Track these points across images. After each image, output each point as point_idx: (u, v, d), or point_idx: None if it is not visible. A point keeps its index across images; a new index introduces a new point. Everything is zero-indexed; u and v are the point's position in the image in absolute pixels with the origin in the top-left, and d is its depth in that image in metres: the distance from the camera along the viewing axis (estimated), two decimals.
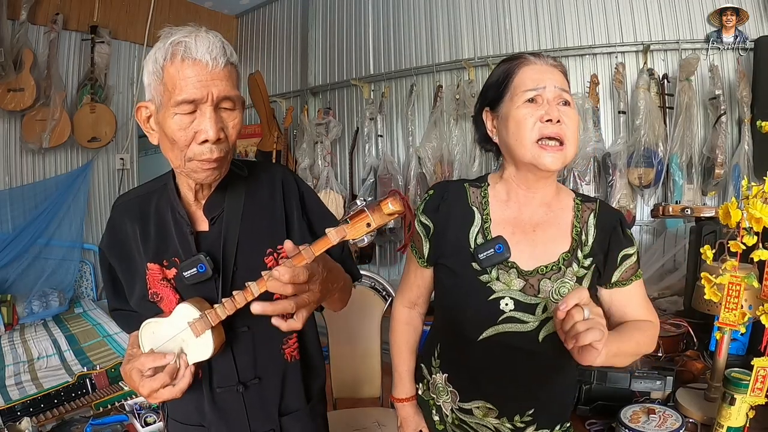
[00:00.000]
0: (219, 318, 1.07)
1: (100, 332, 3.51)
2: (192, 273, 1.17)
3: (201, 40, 1.06)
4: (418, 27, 4.39)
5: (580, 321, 0.96)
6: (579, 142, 1.23)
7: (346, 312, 2.30)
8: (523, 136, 1.17)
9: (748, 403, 1.20)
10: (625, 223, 1.28)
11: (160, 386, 1.06)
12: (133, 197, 1.30)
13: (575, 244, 1.24)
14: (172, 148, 1.11)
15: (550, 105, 1.17)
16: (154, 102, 1.10)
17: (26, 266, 4.26)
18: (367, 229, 0.93)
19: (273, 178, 1.32)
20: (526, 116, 1.17)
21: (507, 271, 1.22)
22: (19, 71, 4.02)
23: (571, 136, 1.17)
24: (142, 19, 4.85)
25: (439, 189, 1.36)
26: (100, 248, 1.31)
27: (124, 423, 1.83)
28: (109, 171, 4.93)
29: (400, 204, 0.92)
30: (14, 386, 2.64)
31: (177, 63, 1.04)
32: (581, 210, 1.28)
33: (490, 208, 1.30)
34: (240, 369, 1.26)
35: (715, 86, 3.08)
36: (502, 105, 1.24)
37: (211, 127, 1.06)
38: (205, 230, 1.24)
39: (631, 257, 1.25)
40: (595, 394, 1.50)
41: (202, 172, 1.12)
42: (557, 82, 1.20)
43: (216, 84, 1.06)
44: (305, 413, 1.37)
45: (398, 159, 4.42)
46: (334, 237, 0.95)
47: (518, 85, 1.21)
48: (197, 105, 1.06)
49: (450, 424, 1.35)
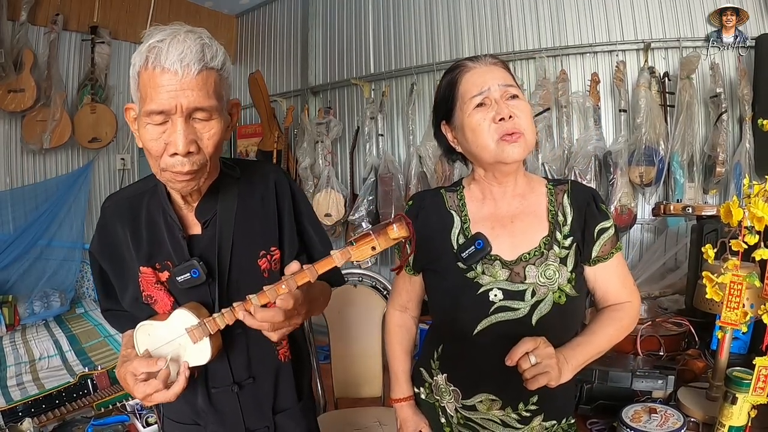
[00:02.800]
0: (218, 327, 1.07)
1: (102, 332, 3.51)
2: (185, 278, 1.16)
3: (175, 46, 0.99)
4: (418, 26, 4.39)
5: (528, 369, 1.10)
6: (535, 129, 1.29)
7: (347, 311, 2.32)
8: (483, 140, 1.22)
9: (750, 403, 1.19)
10: (598, 198, 1.32)
11: (153, 391, 1.07)
12: (123, 198, 1.28)
13: (552, 227, 1.28)
14: (149, 156, 1.09)
15: (498, 104, 1.21)
16: (137, 105, 1.08)
17: (27, 267, 4.26)
18: (371, 252, 0.94)
19: (266, 179, 1.31)
20: (480, 121, 1.22)
21: (491, 264, 1.26)
22: (20, 72, 4.02)
23: (527, 125, 1.22)
24: (142, 20, 4.84)
25: (418, 199, 1.42)
26: (90, 251, 1.31)
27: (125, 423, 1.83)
28: (109, 171, 4.93)
29: (406, 230, 0.94)
30: (16, 387, 2.64)
31: (149, 70, 1.00)
32: (554, 193, 1.32)
33: (468, 208, 1.35)
34: (235, 370, 1.27)
35: (716, 84, 3.07)
36: (455, 116, 1.29)
37: (181, 140, 1.01)
38: (198, 233, 1.23)
39: (608, 230, 1.29)
40: (597, 393, 1.49)
41: (177, 183, 1.09)
42: (500, 80, 1.24)
43: (186, 94, 1.00)
44: (297, 410, 1.39)
45: (399, 158, 4.42)
46: (339, 259, 0.96)
47: (464, 93, 1.26)
48: (167, 116, 1.02)
49: (456, 424, 1.36)
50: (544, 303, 1.23)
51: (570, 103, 3.46)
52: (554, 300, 1.23)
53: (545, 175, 3.29)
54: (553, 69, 3.61)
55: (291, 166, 4.85)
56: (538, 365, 1.09)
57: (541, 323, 1.23)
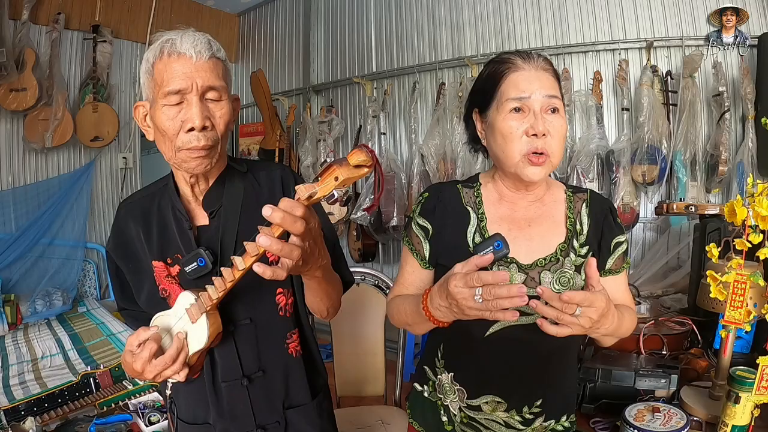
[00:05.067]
0: (211, 299, 1.08)
1: (104, 331, 3.51)
2: (193, 267, 1.19)
3: (187, 37, 1.13)
4: (420, 24, 4.38)
5: (568, 315, 1.01)
6: (564, 149, 1.25)
7: (349, 310, 2.32)
8: (511, 150, 1.19)
9: (753, 402, 1.19)
10: (614, 211, 1.33)
11: (149, 355, 1.07)
12: (137, 199, 1.34)
13: (570, 234, 1.27)
14: (163, 140, 1.17)
15: (536, 117, 1.17)
16: (149, 99, 1.17)
17: (30, 266, 4.26)
18: (335, 183, 0.91)
19: (272, 176, 1.34)
20: (512, 129, 1.18)
21: (507, 266, 1.24)
22: (22, 71, 4.02)
23: (556, 147, 1.19)
24: (143, 19, 4.84)
25: (433, 191, 1.38)
26: (107, 251, 1.35)
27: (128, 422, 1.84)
28: (111, 170, 4.93)
29: (366, 154, 0.91)
30: (18, 386, 2.64)
31: (165, 59, 1.12)
32: (573, 201, 1.31)
33: (485, 207, 1.32)
34: (244, 362, 1.28)
35: (719, 83, 3.06)
36: (489, 111, 1.25)
37: (197, 115, 1.12)
38: (205, 224, 1.27)
39: (622, 245, 1.30)
40: (600, 392, 1.49)
41: (192, 161, 1.16)
42: (545, 89, 1.19)
43: (200, 75, 1.13)
44: (312, 408, 1.39)
45: (401, 157, 4.42)
46: (303, 193, 0.93)
47: (504, 92, 1.21)
48: (183, 95, 1.13)
49: (459, 423, 1.35)
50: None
51: (572, 102, 3.46)
52: None
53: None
54: (556, 67, 3.59)
55: (293, 164, 4.84)
56: (578, 317, 1.01)
57: None
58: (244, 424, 1.30)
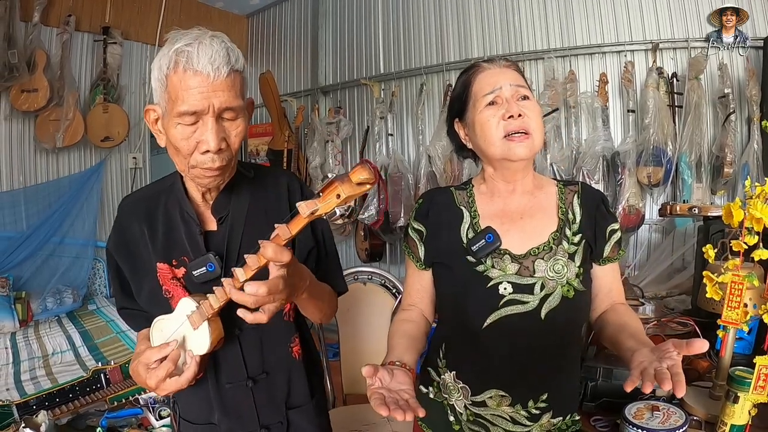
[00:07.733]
0: (212, 308, 1.08)
1: (114, 328, 3.55)
2: (201, 272, 1.19)
3: (204, 49, 1.04)
4: (427, 26, 4.40)
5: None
6: (543, 130, 1.32)
7: (356, 309, 2.34)
8: (491, 136, 1.26)
9: (751, 401, 1.21)
10: (606, 201, 1.38)
11: (165, 374, 1.07)
12: (140, 198, 1.32)
13: (562, 223, 1.32)
14: (176, 154, 1.14)
15: (509, 103, 1.26)
16: (161, 106, 1.13)
17: (40, 264, 4.31)
18: (337, 200, 0.92)
19: (279, 183, 1.35)
20: (489, 117, 1.27)
21: (501, 258, 1.29)
22: (33, 72, 4.07)
23: (535, 126, 1.26)
24: (153, 20, 4.88)
25: (428, 196, 1.46)
26: (107, 249, 1.33)
27: (138, 416, 1.86)
28: (121, 170, 4.98)
29: (369, 172, 0.91)
30: (29, 381, 2.68)
31: (180, 73, 1.05)
32: (565, 193, 1.36)
33: (477, 204, 1.38)
34: (249, 365, 1.29)
35: (725, 85, 3.06)
36: (467, 114, 1.34)
37: (213, 139, 1.07)
38: (214, 230, 1.26)
39: (617, 232, 1.34)
40: (601, 390, 1.51)
41: (206, 178, 1.15)
42: (512, 80, 1.29)
43: (218, 95, 1.06)
44: (311, 408, 1.41)
45: (408, 158, 4.44)
46: (305, 210, 0.93)
47: (477, 91, 1.31)
48: (199, 116, 1.07)
49: (465, 422, 1.36)
50: (554, 296, 1.25)
51: (578, 104, 3.47)
52: (563, 294, 1.25)
53: (554, 175, 3.30)
54: (562, 69, 3.61)
55: (301, 165, 4.87)
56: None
57: (550, 317, 1.25)
58: (249, 424, 1.32)
